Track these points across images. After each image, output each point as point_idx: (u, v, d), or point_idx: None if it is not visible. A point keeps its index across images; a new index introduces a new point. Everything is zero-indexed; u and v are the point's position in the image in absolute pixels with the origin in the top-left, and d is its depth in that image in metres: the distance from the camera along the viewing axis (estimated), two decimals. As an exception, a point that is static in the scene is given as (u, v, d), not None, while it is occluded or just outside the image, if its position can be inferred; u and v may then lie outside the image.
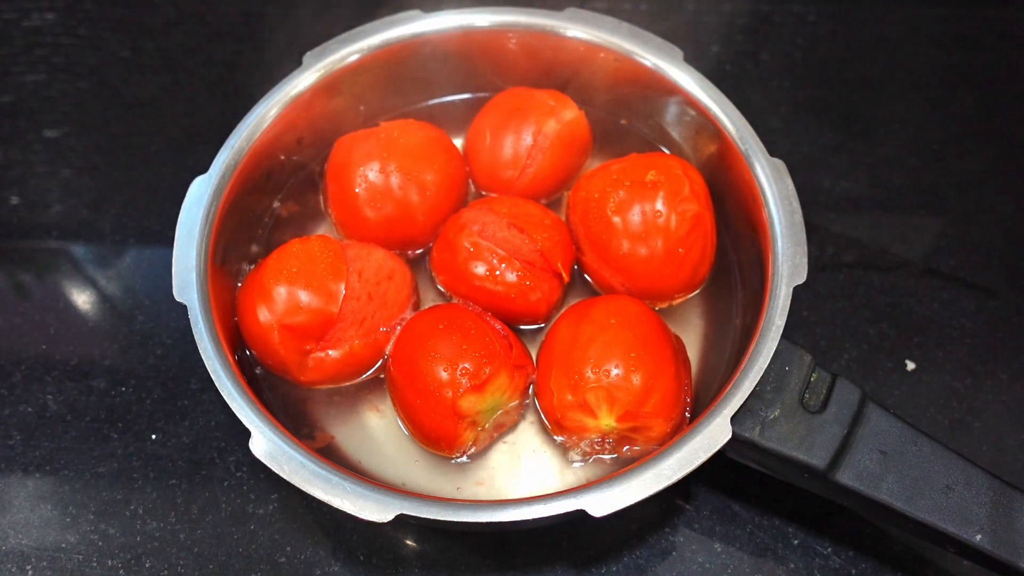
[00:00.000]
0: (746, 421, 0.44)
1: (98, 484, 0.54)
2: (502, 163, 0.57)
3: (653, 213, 0.51)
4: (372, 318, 0.50)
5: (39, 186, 0.67)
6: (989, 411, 0.57)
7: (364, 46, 0.57)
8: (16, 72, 0.73)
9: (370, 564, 0.51)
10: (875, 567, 0.51)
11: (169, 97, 0.72)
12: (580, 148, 0.59)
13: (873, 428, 0.44)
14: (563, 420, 0.48)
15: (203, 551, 0.52)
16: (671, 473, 0.43)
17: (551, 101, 0.58)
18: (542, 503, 0.42)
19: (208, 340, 0.46)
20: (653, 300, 0.54)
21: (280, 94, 0.55)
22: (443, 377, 0.47)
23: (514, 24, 0.58)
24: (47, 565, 0.52)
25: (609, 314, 0.50)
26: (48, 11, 0.77)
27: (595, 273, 0.54)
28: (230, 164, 0.52)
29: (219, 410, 0.57)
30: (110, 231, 0.65)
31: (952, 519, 0.43)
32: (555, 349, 0.49)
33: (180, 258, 0.49)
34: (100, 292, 0.62)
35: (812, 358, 0.46)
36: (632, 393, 0.47)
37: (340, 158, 0.56)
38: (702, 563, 0.51)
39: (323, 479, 0.42)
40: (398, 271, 0.52)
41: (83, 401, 0.57)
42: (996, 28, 0.76)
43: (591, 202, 0.53)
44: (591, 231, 0.53)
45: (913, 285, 0.61)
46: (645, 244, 0.51)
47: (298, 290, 0.49)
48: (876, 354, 0.58)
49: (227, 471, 0.54)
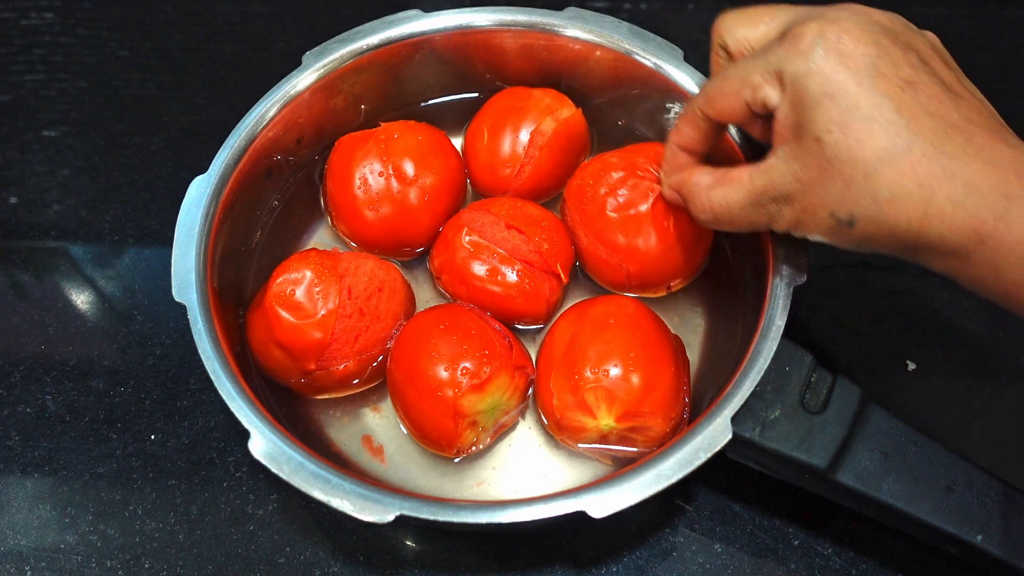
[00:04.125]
0: (746, 421, 0.44)
1: (97, 484, 0.54)
2: (500, 161, 0.57)
3: (642, 191, 0.51)
4: (366, 333, 0.50)
5: (38, 186, 0.67)
6: (989, 411, 0.57)
7: (364, 46, 0.57)
8: (14, 71, 0.73)
9: (370, 565, 0.51)
10: (875, 567, 0.51)
11: (168, 96, 0.72)
12: (578, 146, 0.59)
13: (874, 428, 0.44)
14: (562, 420, 0.48)
15: (202, 552, 0.52)
16: (671, 474, 0.43)
17: (548, 100, 0.58)
18: (542, 504, 0.42)
19: (207, 340, 0.46)
20: (649, 284, 0.54)
21: (279, 94, 0.55)
22: (443, 377, 0.47)
23: (514, 24, 0.58)
24: (46, 566, 0.52)
25: (608, 314, 0.50)
26: (47, 10, 0.77)
27: (591, 256, 0.54)
28: (229, 164, 0.52)
29: (218, 410, 0.56)
30: (109, 231, 0.65)
31: (953, 519, 0.43)
32: (554, 349, 0.49)
33: (179, 258, 0.49)
34: (99, 292, 0.62)
35: (813, 358, 0.46)
36: (631, 393, 0.47)
37: (340, 158, 0.56)
38: (702, 563, 0.51)
39: (323, 480, 0.42)
40: (388, 282, 0.52)
41: (82, 401, 0.57)
42: (996, 28, 0.76)
43: (586, 186, 0.54)
44: (586, 213, 0.53)
45: (913, 285, 0.61)
46: (636, 221, 0.52)
47: (292, 315, 0.49)
48: (876, 354, 0.58)
49: (226, 472, 0.54)
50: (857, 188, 0.37)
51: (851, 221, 0.38)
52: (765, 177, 0.41)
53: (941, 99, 0.37)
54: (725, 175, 0.43)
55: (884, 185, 0.37)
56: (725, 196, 0.43)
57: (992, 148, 0.36)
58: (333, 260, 0.51)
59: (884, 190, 0.37)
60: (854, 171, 0.37)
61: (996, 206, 0.35)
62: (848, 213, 0.38)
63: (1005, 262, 0.36)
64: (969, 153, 0.36)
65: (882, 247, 0.39)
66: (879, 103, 0.37)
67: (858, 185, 0.37)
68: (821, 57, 0.38)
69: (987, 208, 0.35)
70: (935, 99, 0.37)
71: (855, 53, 0.37)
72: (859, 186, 0.37)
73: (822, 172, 0.38)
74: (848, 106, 0.37)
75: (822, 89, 0.37)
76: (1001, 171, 0.36)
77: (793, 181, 0.39)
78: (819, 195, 0.39)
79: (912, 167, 0.36)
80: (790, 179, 0.39)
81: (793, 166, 0.39)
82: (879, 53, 0.38)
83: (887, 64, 0.37)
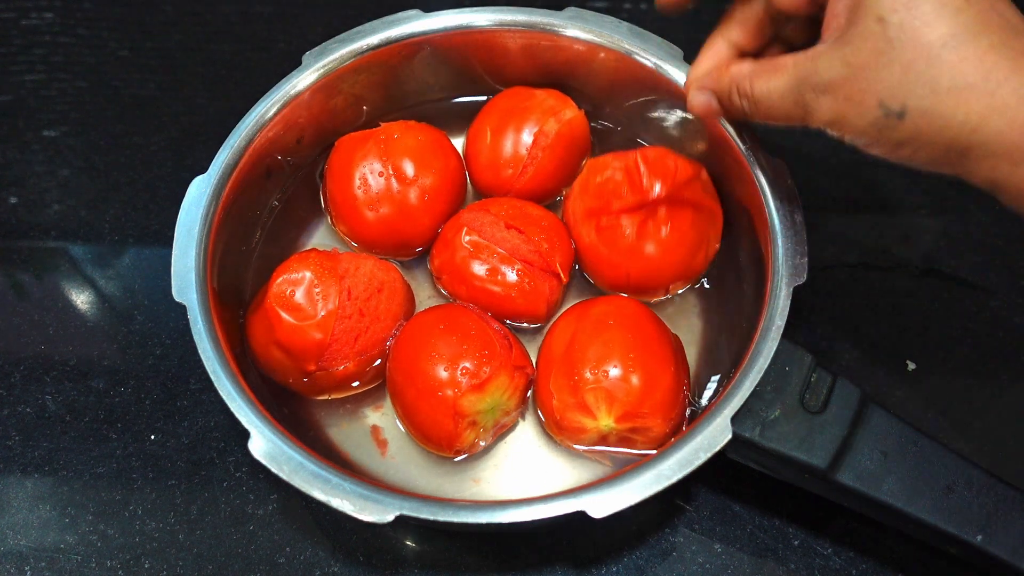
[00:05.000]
0: (746, 421, 0.44)
1: (97, 484, 0.54)
2: (503, 162, 0.57)
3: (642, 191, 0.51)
4: (365, 333, 0.50)
5: (37, 186, 0.67)
6: (989, 411, 0.57)
7: (364, 46, 0.57)
8: (14, 71, 0.73)
9: (370, 565, 0.51)
10: (875, 567, 0.51)
11: (168, 96, 0.72)
12: (580, 148, 0.59)
13: (874, 428, 0.44)
14: (562, 421, 0.48)
15: (202, 552, 0.52)
16: (671, 474, 0.43)
17: (552, 101, 0.58)
18: (542, 504, 0.42)
19: (207, 340, 0.46)
20: (649, 288, 0.54)
21: (279, 94, 0.55)
22: (443, 376, 0.47)
23: (514, 24, 0.58)
24: (46, 566, 0.52)
25: (607, 315, 0.50)
26: (47, 10, 0.77)
27: (592, 257, 0.54)
28: (229, 164, 0.52)
29: (218, 410, 0.56)
30: (109, 231, 0.65)
31: (953, 519, 0.43)
32: (553, 351, 0.50)
33: (179, 258, 0.49)
34: (99, 292, 0.62)
35: (812, 358, 0.46)
36: (631, 393, 0.47)
37: (340, 158, 0.56)
38: (702, 563, 0.51)
39: (323, 480, 0.42)
40: (387, 282, 0.52)
41: (82, 401, 0.57)
42: (996, 28, 0.76)
43: (589, 187, 0.54)
44: (589, 213, 0.53)
45: (913, 285, 0.61)
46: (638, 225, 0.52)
47: (292, 316, 0.49)
48: (876, 354, 0.58)
49: (226, 472, 0.54)
50: (916, 74, 0.35)
51: (902, 112, 0.36)
52: (811, 63, 0.38)
53: (1006, 5, 0.36)
54: (770, 62, 0.41)
55: (947, 73, 0.34)
56: (767, 83, 0.41)
57: None
58: (333, 261, 0.51)
59: (946, 78, 0.34)
60: (916, 55, 0.35)
61: None
62: (900, 103, 0.36)
63: None
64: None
65: (925, 147, 0.37)
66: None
67: (918, 71, 0.35)
68: None
69: None
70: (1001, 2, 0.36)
71: None
72: (919, 72, 0.35)
73: (879, 55, 0.36)
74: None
75: None
76: None
77: (842, 66, 0.37)
78: (870, 81, 0.36)
79: (979, 57, 0.34)
80: (838, 64, 0.37)
81: (843, 50, 0.37)
82: None
83: None
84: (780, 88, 0.40)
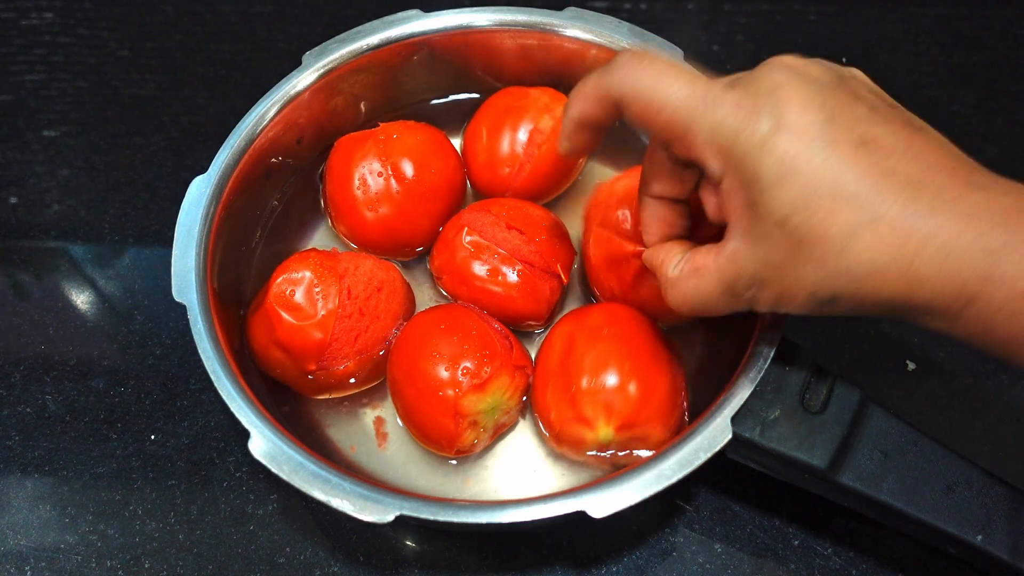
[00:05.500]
0: (746, 421, 0.44)
1: (97, 484, 0.54)
2: (499, 161, 0.57)
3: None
4: (366, 333, 0.50)
5: (37, 186, 0.67)
6: (989, 411, 0.57)
7: (364, 46, 0.57)
8: (14, 71, 0.73)
9: (370, 565, 0.51)
10: (875, 567, 0.51)
11: (168, 96, 0.72)
12: (578, 146, 0.59)
13: (874, 428, 0.44)
14: (562, 434, 0.48)
15: (202, 552, 0.52)
16: (671, 474, 0.43)
17: (546, 99, 0.58)
18: (542, 504, 0.42)
19: (207, 340, 0.46)
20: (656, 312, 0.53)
21: (279, 94, 0.55)
22: (444, 376, 0.47)
23: (514, 23, 0.58)
24: (46, 566, 0.52)
25: (602, 324, 0.49)
26: (47, 10, 0.77)
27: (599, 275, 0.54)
28: (229, 164, 0.52)
29: (218, 410, 0.56)
30: (109, 231, 0.65)
31: (953, 519, 0.43)
32: (550, 362, 0.49)
33: (179, 258, 0.49)
34: (99, 292, 0.62)
35: (813, 358, 0.46)
36: (629, 402, 0.47)
37: (339, 158, 0.56)
38: (702, 563, 0.51)
39: (323, 480, 0.42)
40: (387, 282, 0.52)
41: (82, 401, 0.57)
42: (996, 28, 0.76)
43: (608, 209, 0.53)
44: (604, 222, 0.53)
45: (913, 285, 0.61)
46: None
47: (292, 316, 0.49)
48: (876, 354, 0.58)
49: (226, 471, 0.54)
50: (832, 267, 0.35)
51: (832, 300, 0.36)
52: (733, 265, 0.38)
53: (898, 151, 0.35)
54: (690, 265, 0.41)
55: (859, 260, 0.35)
56: (697, 288, 0.41)
57: (962, 199, 0.34)
58: (332, 260, 0.51)
59: (860, 265, 0.35)
60: (826, 251, 0.35)
61: (978, 264, 0.33)
62: (828, 292, 0.36)
63: (994, 320, 0.34)
64: (940, 210, 0.34)
65: (870, 311, 0.37)
66: (839, 175, 0.34)
67: (832, 264, 0.35)
68: (770, 133, 0.35)
69: (969, 267, 0.33)
70: (893, 153, 0.35)
71: (804, 123, 0.35)
72: (834, 265, 0.35)
73: (792, 255, 0.36)
74: (807, 185, 0.34)
75: (777, 170, 0.35)
76: (977, 225, 0.34)
77: (764, 267, 0.37)
78: (794, 278, 0.36)
79: (884, 237, 0.34)
80: (760, 265, 0.37)
81: (758, 251, 0.37)
82: (827, 119, 0.35)
83: (837, 128, 0.35)
84: (713, 291, 0.40)
